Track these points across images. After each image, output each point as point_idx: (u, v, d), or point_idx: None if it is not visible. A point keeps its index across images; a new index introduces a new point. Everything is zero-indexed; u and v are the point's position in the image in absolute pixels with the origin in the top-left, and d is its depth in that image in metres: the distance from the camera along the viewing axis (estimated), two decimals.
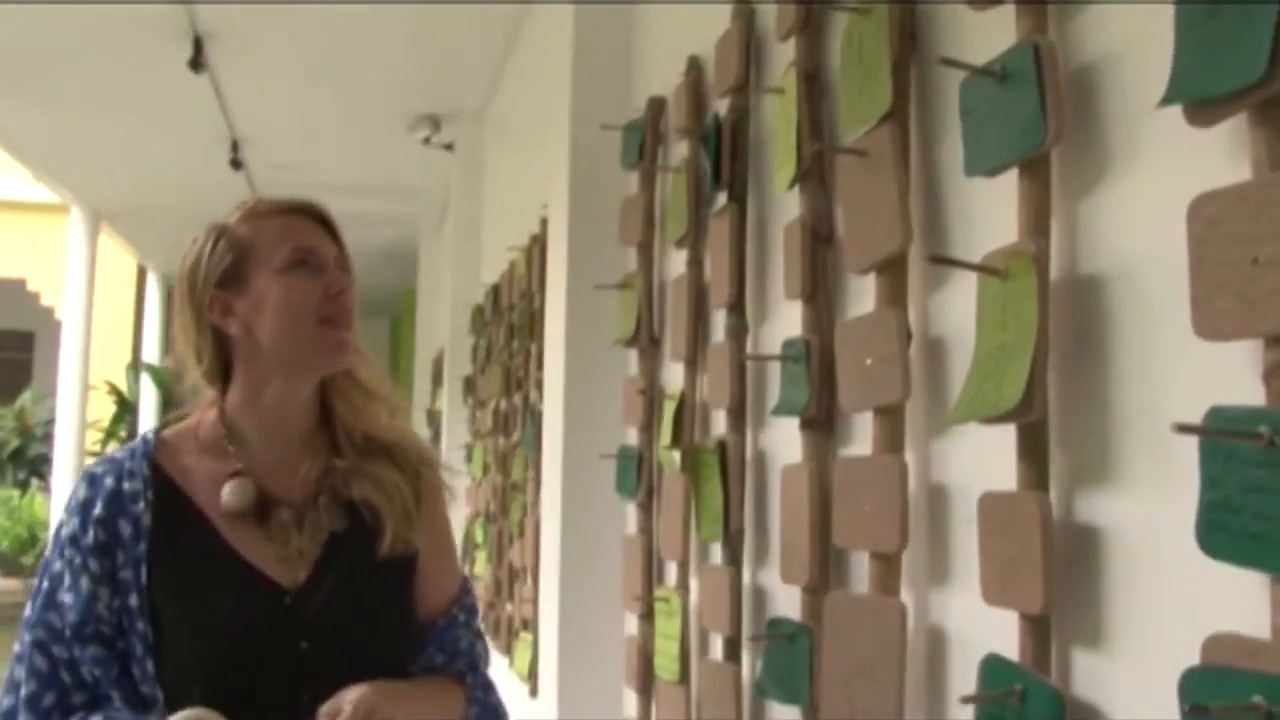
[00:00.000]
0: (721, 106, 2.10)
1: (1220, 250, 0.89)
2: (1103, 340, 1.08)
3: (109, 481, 1.32)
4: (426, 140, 6.08)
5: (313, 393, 1.40)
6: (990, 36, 1.22)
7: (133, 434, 10.06)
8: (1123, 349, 1.06)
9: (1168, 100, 0.94)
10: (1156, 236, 1.01)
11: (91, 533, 1.28)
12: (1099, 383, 1.08)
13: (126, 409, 11.25)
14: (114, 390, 11.21)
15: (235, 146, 6.43)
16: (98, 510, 1.29)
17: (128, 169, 7.52)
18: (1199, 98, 0.91)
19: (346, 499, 1.36)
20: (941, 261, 1.28)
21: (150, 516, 1.30)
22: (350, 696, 1.22)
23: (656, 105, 2.56)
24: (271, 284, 1.33)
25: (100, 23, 4.81)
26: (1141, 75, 1.04)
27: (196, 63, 4.96)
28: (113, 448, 7.61)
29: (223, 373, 1.37)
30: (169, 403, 9.60)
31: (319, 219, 1.40)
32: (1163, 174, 1.02)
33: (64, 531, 1.31)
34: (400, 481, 1.38)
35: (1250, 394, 0.88)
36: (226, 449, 1.36)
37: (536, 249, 3.75)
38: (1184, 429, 0.86)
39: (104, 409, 10.81)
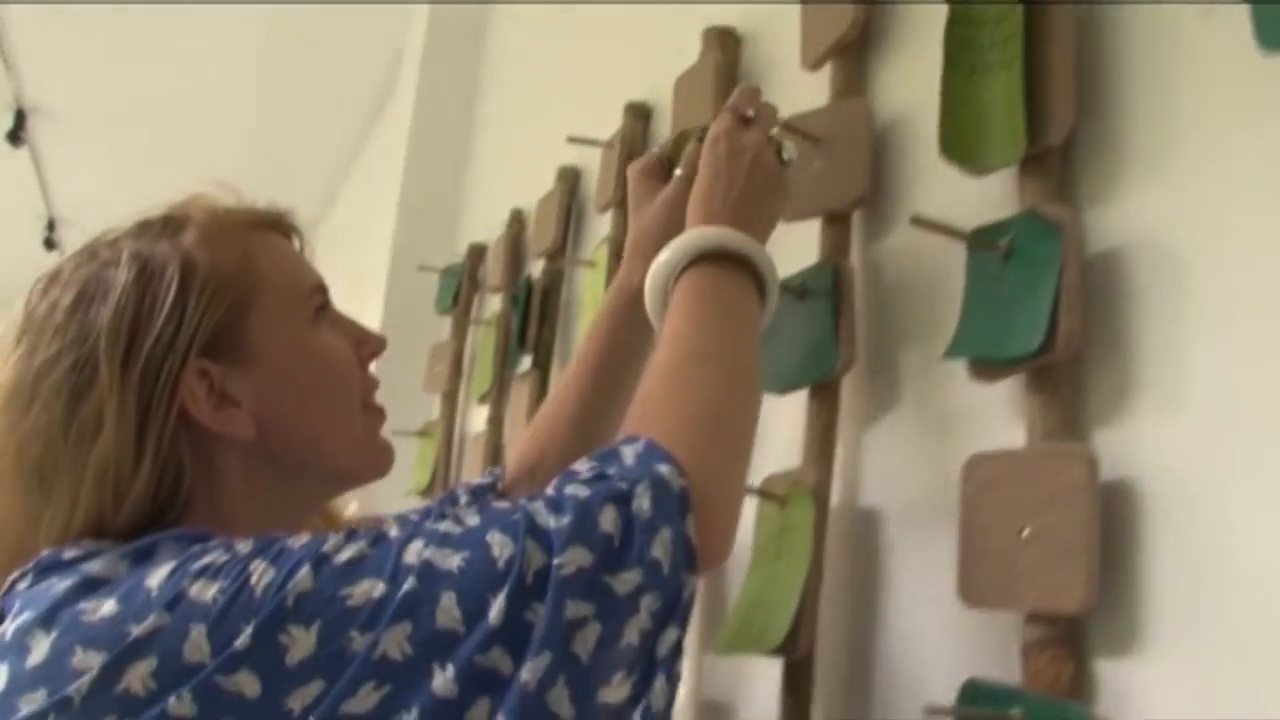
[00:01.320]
0: (536, 267, 2.05)
1: (990, 515, 0.85)
2: (875, 582, 1.03)
3: None
4: None
5: None
6: (799, 250, 1.19)
7: None
8: (893, 597, 1.01)
9: (952, 354, 0.91)
10: (932, 486, 0.98)
11: None
12: (865, 627, 1.03)
13: None
14: None
15: (51, 225, 6.13)
16: None
17: None
18: (981, 356, 0.89)
19: None
20: None
21: None
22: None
23: (477, 253, 2.50)
24: (293, 347, 0.82)
25: None
26: (936, 317, 1.02)
27: (16, 136, 4.73)
28: None
29: (157, 507, 0.76)
30: None
31: (297, 238, 0.90)
32: (945, 422, 0.99)
33: None
34: None
35: (1010, 669, 0.83)
36: None
37: None
38: (934, 712, 0.81)
39: None
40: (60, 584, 0.67)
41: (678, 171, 1.04)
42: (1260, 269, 0.73)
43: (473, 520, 0.66)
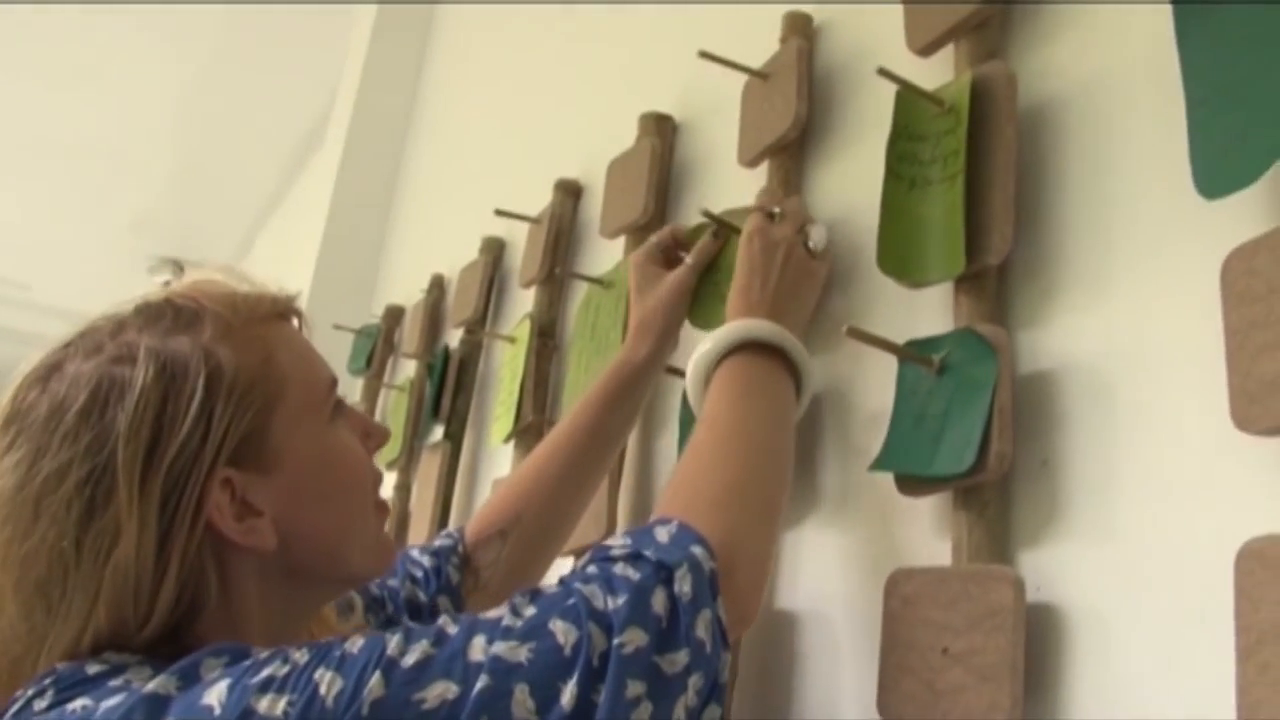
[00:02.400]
0: (454, 336, 2.02)
1: (913, 631, 0.85)
2: (789, 687, 1.02)
3: None
4: (166, 284, 5.77)
5: None
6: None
7: None
8: (806, 705, 0.99)
9: (879, 466, 0.91)
10: (853, 595, 0.97)
11: None
12: None
13: None
14: None
15: None
16: None
17: None
18: (908, 472, 0.88)
19: None
20: None
21: None
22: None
23: (394, 315, 2.46)
24: (315, 450, 0.78)
25: None
26: (862, 425, 1.02)
27: None
28: None
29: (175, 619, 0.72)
30: None
31: (301, 323, 0.85)
32: (868, 531, 0.98)
33: None
34: None
35: None
36: None
37: None
38: None
39: None
40: (109, 702, 0.62)
41: (687, 260, 1.13)
42: (1189, 388, 0.74)
43: (529, 611, 0.66)
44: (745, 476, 0.82)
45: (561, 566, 1.36)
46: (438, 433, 1.94)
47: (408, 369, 2.24)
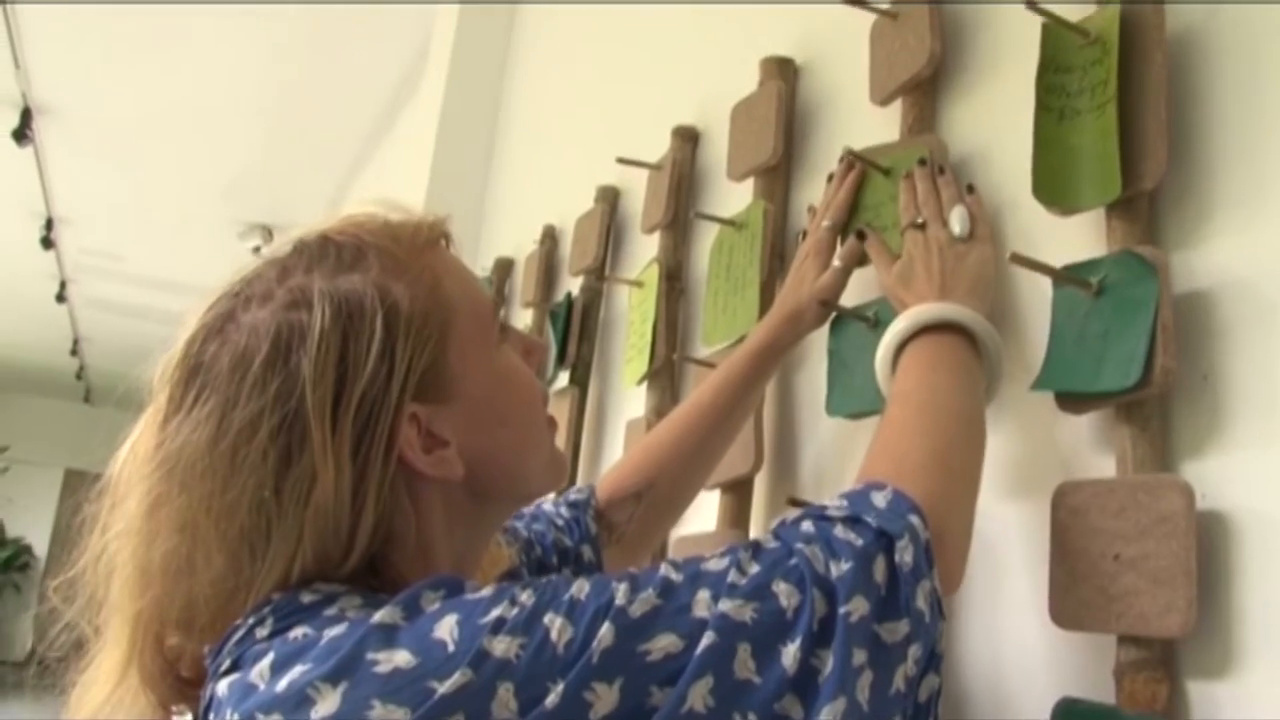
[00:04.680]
0: (574, 285, 2.08)
1: (1082, 541, 0.89)
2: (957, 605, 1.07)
3: None
4: (256, 250, 5.93)
5: None
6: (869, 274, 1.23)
7: None
8: (975, 622, 1.04)
9: (1041, 386, 0.95)
10: (1016, 513, 1.01)
11: None
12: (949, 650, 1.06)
13: None
14: None
15: (49, 225, 6.13)
16: None
17: None
18: (1072, 390, 0.92)
19: None
20: None
21: None
22: None
23: (504, 267, 2.53)
24: (489, 374, 0.80)
25: None
26: (1015, 350, 1.06)
27: (21, 134, 4.74)
28: None
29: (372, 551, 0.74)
30: None
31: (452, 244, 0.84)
32: (1027, 451, 1.02)
33: None
34: None
35: (1103, 690, 0.87)
36: None
37: None
38: None
39: None
40: (333, 631, 0.65)
41: (836, 263, 1.17)
42: None
43: (754, 569, 0.67)
44: (947, 444, 0.84)
45: (707, 500, 1.42)
46: (563, 379, 2.00)
47: (524, 319, 2.30)
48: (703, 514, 1.47)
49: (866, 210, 1.17)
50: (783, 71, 1.49)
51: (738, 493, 1.37)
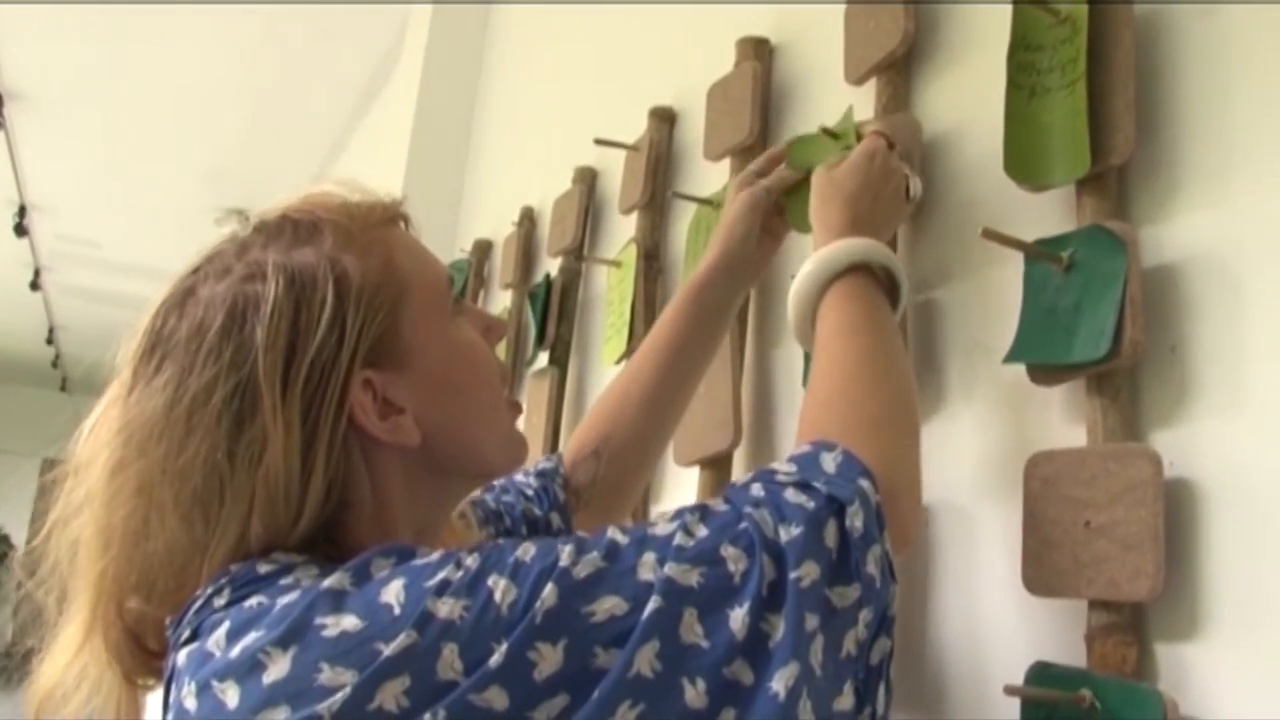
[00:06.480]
0: (552, 265, 2.09)
1: (1054, 509, 0.91)
2: (930, 575, 1.09)
3: None
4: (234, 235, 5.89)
5: None
6: None
7: None
8: (948, 589, 1.06)
9: (1013, 358, 0.97)
10: (988, 483, 1.03)
11: None
12: (922, 617, 1.08)
13: None
14: None
15: (22, 212, 6.07)
16: None
17: None
18: (1044, 361, 0.94)
19: None
20: None
21: None
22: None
23: (483, 248, 2.54)
24: (443, 345, 0.83)
25: None
26: (987, 324, 1.07)
27: None
28: None
29: (325, 517, 0.76)
30: None
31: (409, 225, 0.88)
32: (999, 422, 1.05)
33: None
34: None
35: (1074, 653, 0.89)
36: None
37: None
38: (1011, 692, 0.86)
39: None
40: (285, 599, 0.67)
41: (763, 181, 1.17)
42: None
43: (701, 531, 0.68)
44: (894, 399, 0.85)
45: (686, 477, 1.44)
46: (542, 359, 2.02)
47: (503, 300, 2.31)
48: (682, 490, 1.49)
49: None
50: (758, 52, 1.51)
51: (717, 469, 1.39)
